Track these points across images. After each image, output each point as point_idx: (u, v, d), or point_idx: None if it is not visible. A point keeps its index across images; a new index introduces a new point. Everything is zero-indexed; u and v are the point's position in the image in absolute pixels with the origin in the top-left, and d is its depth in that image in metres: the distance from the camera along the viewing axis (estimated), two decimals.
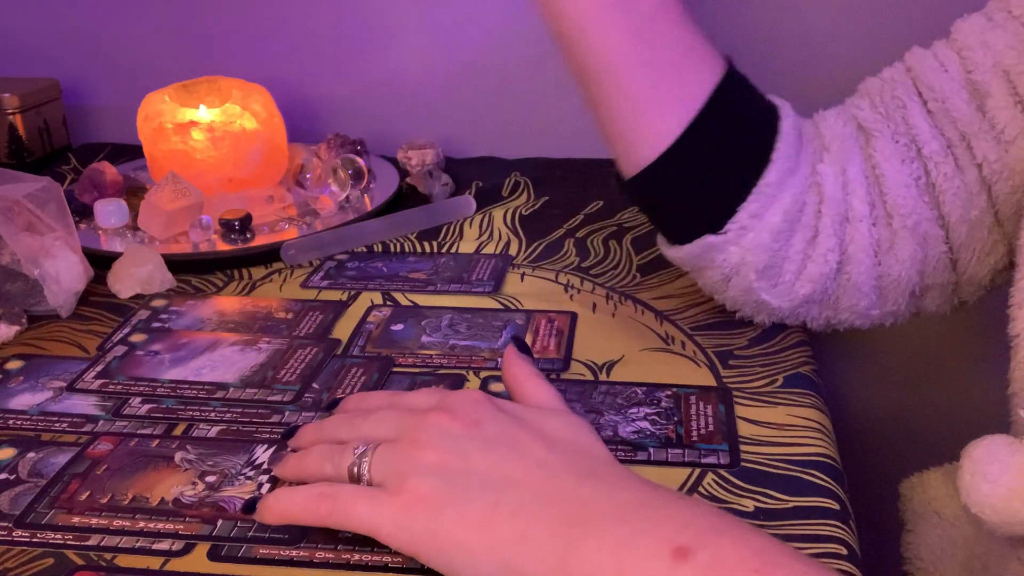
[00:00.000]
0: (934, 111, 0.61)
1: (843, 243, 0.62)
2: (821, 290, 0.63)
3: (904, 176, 0.61)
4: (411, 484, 0.44)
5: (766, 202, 0.61)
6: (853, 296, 0.64)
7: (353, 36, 1.01)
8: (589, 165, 0.97)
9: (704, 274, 0.65)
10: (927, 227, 0.61)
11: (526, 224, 0.85)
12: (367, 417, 0.50)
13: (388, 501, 0.44)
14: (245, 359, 0.64)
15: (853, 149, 0.63)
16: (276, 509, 0.48)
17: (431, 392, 0.53)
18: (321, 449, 0.49)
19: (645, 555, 0.39)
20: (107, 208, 0.82)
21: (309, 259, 0.79)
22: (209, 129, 0.85)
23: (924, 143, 0.61)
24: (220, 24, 1.03)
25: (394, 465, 0.46)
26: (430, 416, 0.47)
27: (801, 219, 0.62)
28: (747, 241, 0.62)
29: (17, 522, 0.50)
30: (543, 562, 0.41)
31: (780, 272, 0.63)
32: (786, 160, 0.62)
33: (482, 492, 0.43)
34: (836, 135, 0.63)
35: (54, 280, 0.69)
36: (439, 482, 0.44)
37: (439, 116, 1.02)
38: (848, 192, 0.62)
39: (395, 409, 0.51)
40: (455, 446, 0.46)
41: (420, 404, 0.51)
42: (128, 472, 0.53)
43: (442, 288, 0.74)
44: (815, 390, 0.60)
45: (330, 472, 0.48)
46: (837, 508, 0.50)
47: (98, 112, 1.09)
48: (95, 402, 0.60)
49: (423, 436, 0.46)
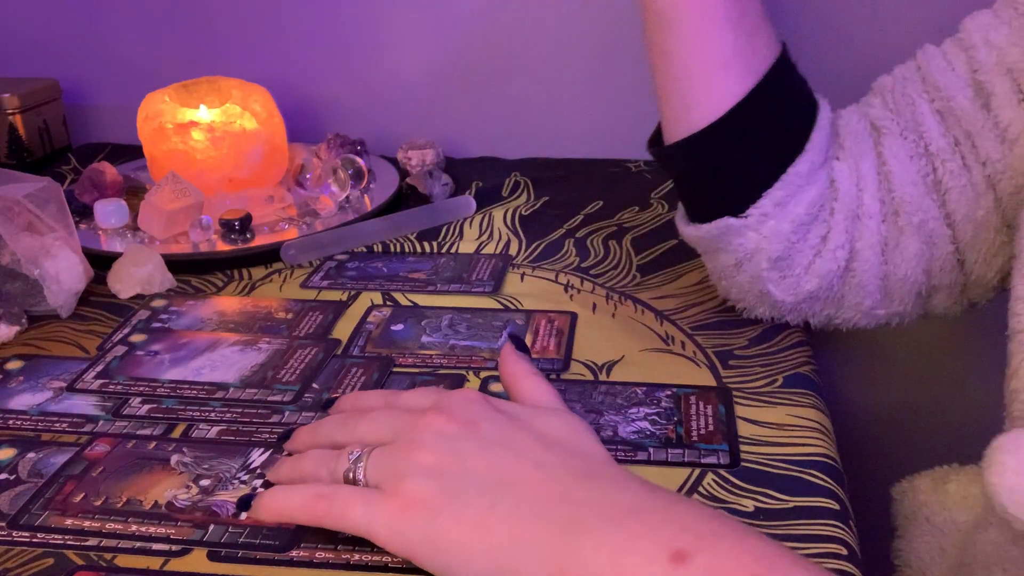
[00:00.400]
0: (941, 109, 0.61)
1: (852, 240, 0.62)
2: (827, 287, 0.63)
3: (912, 173, 0.61)
4: (407, 486, 0.44)
5: (792, 192, 0.62)
6: (858, 294, 0.64)
7: (353, 36, 1.01)
8: (589, 165, 0.98)
9: (717, 257, 0.65)
10: (933, 225, 0.61)
11: (526, 224, 0.85)
12: (362, 418, 0.50)
13: (384, 503, 0.44)
14: (245, 359, 0.64)
15: (866, 146, 0.63)
16: (272, 507, 0.48)
17: (427, 392, 0.53)
18: (316, 454, 0.49)
19: (643, 560, 0.39)
20: (107, 208, 0.82)
21: (309, 259, 0.79)
22: (209, 129, 0.85)
23: (932, 140, 0.61)
24: (220, 24, 1.03)
25: (390, 467, 0.46)
26: (426, 417, 0.47)
27: (820, 214, 0.62)
28: (767, 228, 0.62)
29: (11, 523, 0.50)
30: (540, 565, 0.40)
31: (791, 264, 0.63)
32: (818, 152, 0.62)
33: (478, 494, 0.43)
34: (851, 132, 0.64)
35: (54, 280, 0.69)
36: (435, 484, 0.44)
37: (439, 116, 1.02)
38: (861, 189, 0.62)
39: (391, 410, 0.50)
40: (451, 447, 0.45)
41: (416, 404, 0.50)
42: (123, 474, 0.53)
43: (442, 288, 0.74)
44: (815, 390, 0.60)
45: (325, 477, 0.48)
46: (837, 508, 0.50)
47: (98, 112, 1.09)
48: (95, 402, 0.60)
49: (419, 437, 0.46)
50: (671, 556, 0.38)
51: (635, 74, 0.98)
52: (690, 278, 0.74)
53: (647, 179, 0.94)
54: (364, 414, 0.50)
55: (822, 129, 0.63)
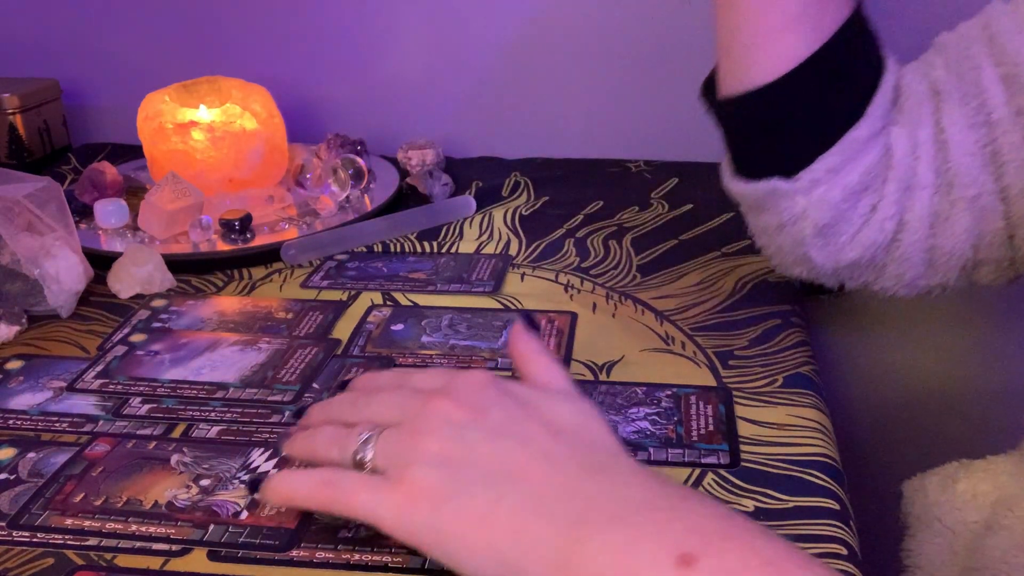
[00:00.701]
0: (1006, 76, 0.57)
1: (902, 211, 0.60)
2: (870, 256, 0.61)
3: (970, 143, 0.58)
4: (413, 474, 0.43)
5: (848, 158, 0.59)
6: (901, 266, 0.62)
7: (353, 36, 1.01)
8: (589, 165, 0.98)
9: (761, 216, 0.63)
10: (987, 199, 0.58)
11: (526, 224, 0.85)
12: (372, 398, 0.50)
13: (390, 491, 0.44)
14: (245, 359, 0.64)
15: (925, 111, 0.60)
16: (281, 491, 0.48)
17: (438, 373, 0.51)
18: (328, 433, 0.49)
19: (648, 561, 0.38)
20: (107, 208, 0.82)
21: (309, 259, 0.79)
22: (209, 129, 0.85)
23: (994, 108, 0.57)
24: (220, 24, 1.03)
25: (396, 453, 0.45)
26: (433, 402, 0.46)
27: (873, 183, 0.60)
28: (816, 195, 0.60)
29: (11, 523, 0.50)
30: (544, 561, 0.40)
31: (836, 232, 0.61)
32: (878, 119, 0.59)
33: (484, 486, 0.42)
34: (911, 94, 0.60)
35: (54, 280, 0.69)
36: (441, 474, 0.43)
37: (439, 116, 1.02)
38: (916, 158, 0.59)
39: (400, 391, 0.49)
40: (458, 435, 0.44)
41: (425, 386, 0.49)
42: (123, 474, 0.53)
43: (442, 288, 0.74)
44: (815, 390, 0.60)
45: (336, 456, 0.47)
46: (837, 508, 0.50)
47: (98, 112, 1.09)
48: (95, 402, 0.60)
49: (426, 424, 0.45)
50: (677, 560, 0.38)
51: (635, 74, 0.98)
52: (690, 278, 0.74)
53: (647, 179, 0.94)
54: (375, 394, 0.50)
55: (885, 93, 0.60)
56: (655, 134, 0.99)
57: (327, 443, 0.48)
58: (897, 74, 0.62)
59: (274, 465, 0.54)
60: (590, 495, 0.42)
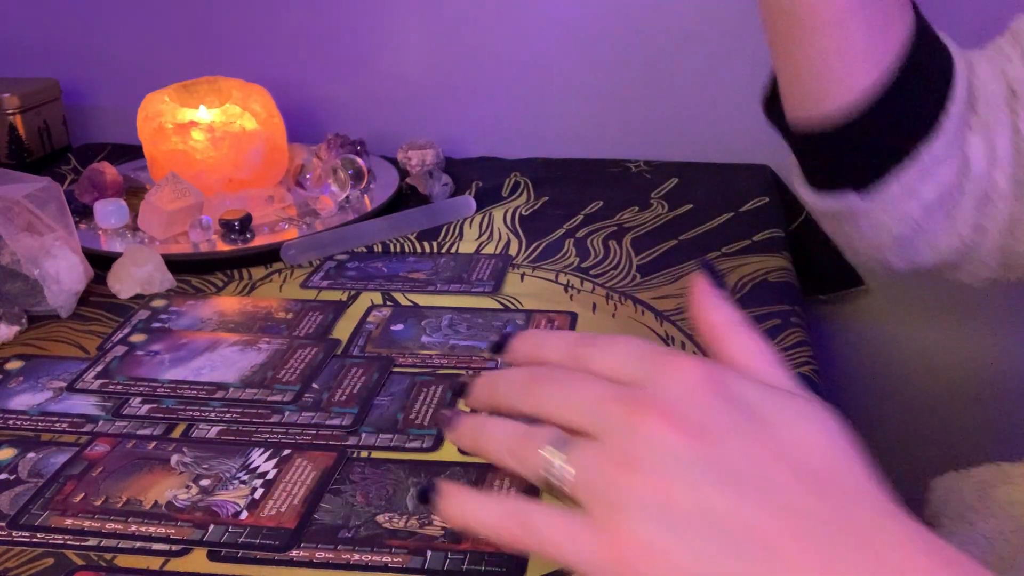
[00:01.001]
0: None
1: (980, 219, 0.57)
2: (947, 260, 0.60)
3: None
4: (630, 526, 0.35)
5: (925, 173, 0.56)
6: (977, 267, 0.60)
7: (353, 36, 1.01)
8: (589, 165, 0.98)
9: (836, 223, 0.61)
10: None
11: (526, 224, 0.85)
12: (548, 386, 0.40)
13: (594, 539, 0.35)
14: (245, 359, 0.64)
15: (1002, 114, 0.56)
16: (460, 517, 0.40)
17: (632, 354, 0.39)
18: (501, 430, 0.40)
19: None
20: (107, 208, 0.82)
21: (309, 259, 0.79)
22: (209, 129, 0.85)
23: None
24: (220, 24, 1.04)
25: (601, 489, 0.36)
26: (643, 421, 0.36)
27: (951, 195, 0.57)
28: (894, 211, 0.57)
29: (11, 523, 0.50)
30: None
31: (913, 240, 0.58)
32: (954, 130, 0.55)
33: (723, 552, 0.33)
34: (986, 95, 0.56)
35: (54, 280, 0.69)
36: (663, 527, 0.34)
37: (439, 116, 1.02)
38: (993, 165, 0.56)
39: (588, 383, 0.39)
40: (683, 474, 0.35)
41: (616, 374, 0.39)
42: (123, 474, 0.53)
43: (442, 288, 0.74)
44: (815, 390, 0.60)
45: (513, 466, 0.39)
46: None
47: (98, 112, 1.09)
48: (95, 402, 0.60)
49: (635, 451, 0.35)
50: None
51: (635, 75, 0.98)
52: (690, 278, 0.74)
53: (647, 179, 0.94)
54: (551, 379, 0.40)
55: (959, 97, 0.55)
56: (655, 134, 0.99)
57: (499, 448, 0.40)
58: (969, 69, 0.57)
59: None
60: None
